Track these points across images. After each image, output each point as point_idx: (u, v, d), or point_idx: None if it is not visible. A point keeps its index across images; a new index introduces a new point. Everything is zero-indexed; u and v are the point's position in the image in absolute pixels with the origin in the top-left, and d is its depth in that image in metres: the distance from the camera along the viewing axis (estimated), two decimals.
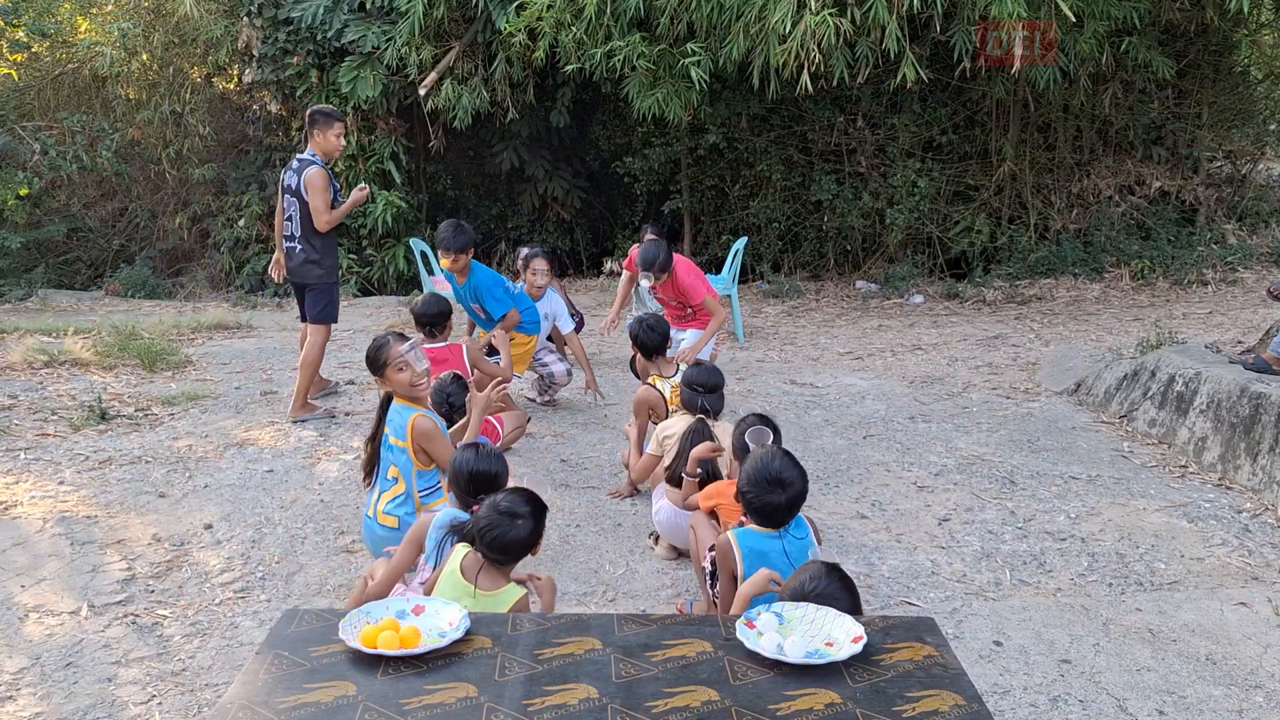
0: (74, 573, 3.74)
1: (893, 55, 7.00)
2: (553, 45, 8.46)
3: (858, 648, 1.97)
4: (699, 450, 3.66)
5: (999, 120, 10.37)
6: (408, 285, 10.45)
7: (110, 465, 4.82)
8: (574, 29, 8.15)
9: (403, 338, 3.56)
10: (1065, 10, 6.84)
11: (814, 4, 6.75)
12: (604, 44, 8.07)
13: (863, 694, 1.85)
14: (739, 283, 9.05)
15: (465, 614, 2.11)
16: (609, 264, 10.83)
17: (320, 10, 9.75)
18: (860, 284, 10.37)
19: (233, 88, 11.81)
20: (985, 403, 6.07)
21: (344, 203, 5.64)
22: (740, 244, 8.43)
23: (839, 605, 2.18)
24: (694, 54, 7.77)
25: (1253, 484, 4.52)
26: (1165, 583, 3.71)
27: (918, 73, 7.03)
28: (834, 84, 7.80)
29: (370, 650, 1.97)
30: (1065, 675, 3.10)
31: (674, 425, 3.93)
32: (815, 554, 2.85)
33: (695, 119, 10.30)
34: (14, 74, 11.68)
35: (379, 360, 3.50)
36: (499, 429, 4.78)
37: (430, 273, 8.32)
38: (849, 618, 2.10)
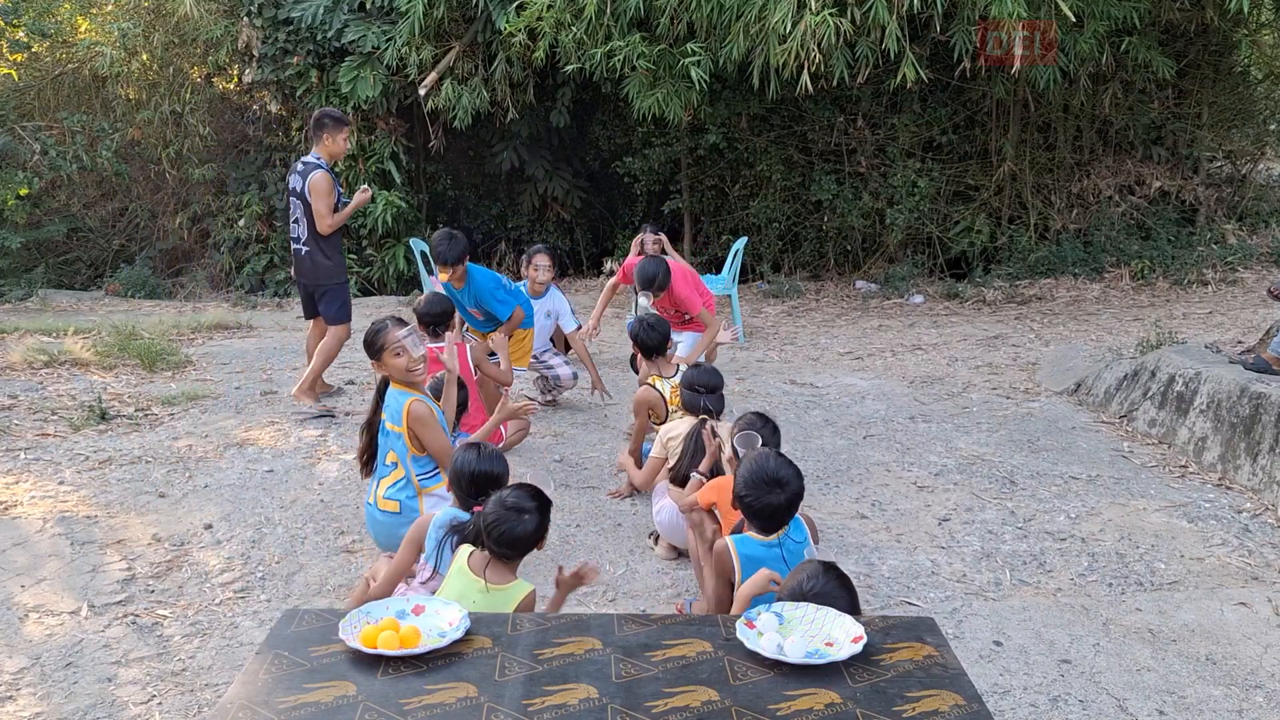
0: (74, 573, 3.74)
1: (893, 55, 7.00)
2: (553, 45, 8.46)
3: (858, 648, 1.97)
4: (709, 459, 3.66)
5: (999, 120, 10.37)
6: (408, 285, 10.45)
7: (110, 465, 4.82)
8: (574, 29, 8.15)
9: (401, 323, 3.56)
10: (1065, 10, 6.84)
11: (814, 4, 6.75)
12: (604, 44, 8.07)
13: (863, 694, 1.85)
14: (739, 283, 9.05)
15: (465, 614, 2.11)
16: (609, 264, 10.83)
17: (320, 10, 9.75)
18: (860, 284, 10.37)
19: (233, 88, 11.81)
20: (985, 403, 6.07)
21: (348, 205, 5.69)
22: (740, 244, 8.44)
23: (837, 604, 2.18)
24: (694, 54, 7.77)
25: (1253, 484, 4.52)
26: (1165, 583, 3.71)
27: (918, 73, 7.03)
28: (834, 84, 7.80)
29: (370, 650, 1.97)
30: (1065, 675, 3.10)
31: (678, 427, 3.93)
32: (812, 554, 2.85)
33: (695, 119, 10.30)
34: (14, 74, 11.68)
35: (376, 344, 3.51)
36: (502, 430, 4.78)
37: (430, 272, 8.32)
38: (849, 618, 2.10)
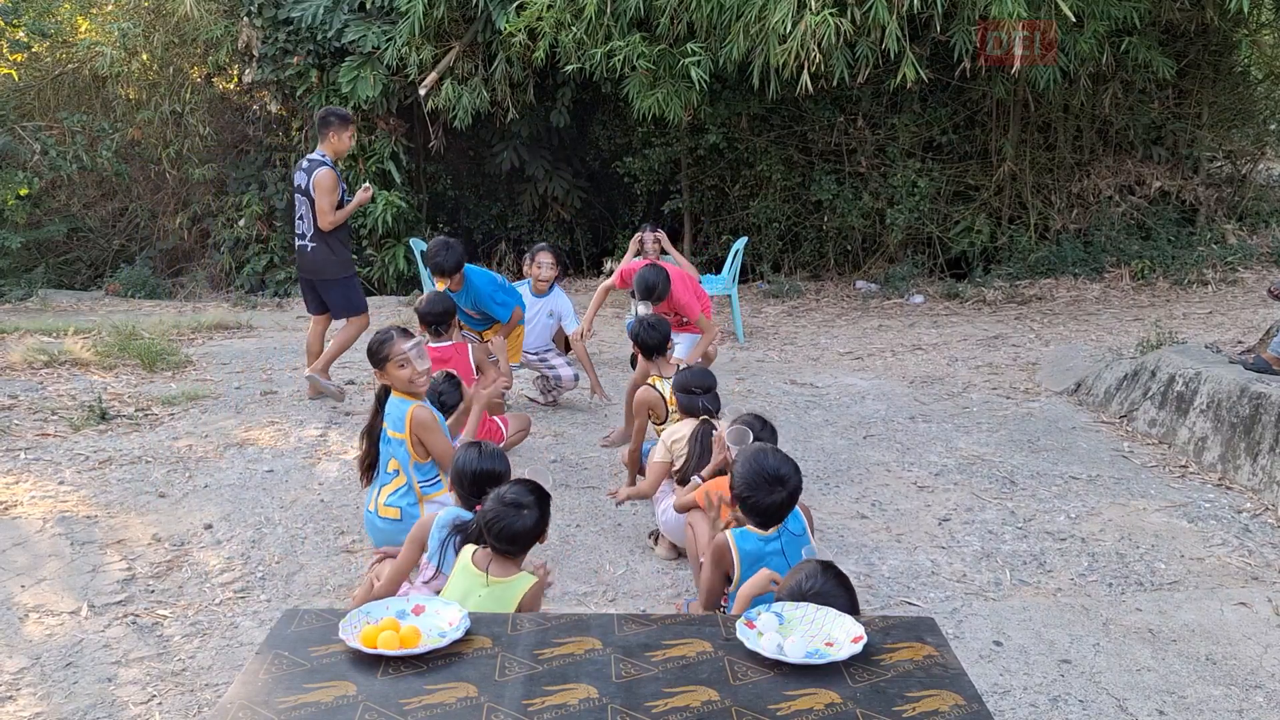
0: (74, 573, 3.74)
1: (893, 55, 7.00)
2: (553, 45, 8.45)
3: (858, 648, 1.97)
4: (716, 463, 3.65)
5: (999, 120, 10.37)
6: (408, 285, 10.45)
7: (110, 465, 4.82)
8: (574, 29, 8.15)
9: (406, 334, 3.56)
10: (1065, 10, 6.84)
11: (814, 4, 6.75)
12: (604, 44, 8.07)
13: (863, 694, 1.85)
14: (739, 283, 9.05)
15: (465, 614, 2.11)
16: (609, 264, 10.82)
17: (320, 10, 9.75)
18: (860, 284, 10.37)
19: (233, 88, 11.81)
20: (985, 403, 6.07)
21: (350, 202, 5.78)
22: (740, 244, 8.44)
23: (836, 603, 2.18)
24: (694, 54, 7.77)
25: (1253, 484, 4.52)
26: (1165, 583, 3.71)
27: (918, 73, 7.03)
28: (834, 84, 7.80)
29: (370, 650, 1.97)
30: (1065, 675, 3.10)
31: (680, 430, 3.92)
32: (810, 552, 2.85)
33: (695, 119, 10.30)
34: (14, 74, 11.68)
35: (381, 354, 3.50)
36: (503, 430, 4.78)
37: None
38: (849, 618, 2.10)
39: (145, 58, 11.55)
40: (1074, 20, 7.19)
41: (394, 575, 3.03)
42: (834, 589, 2.28)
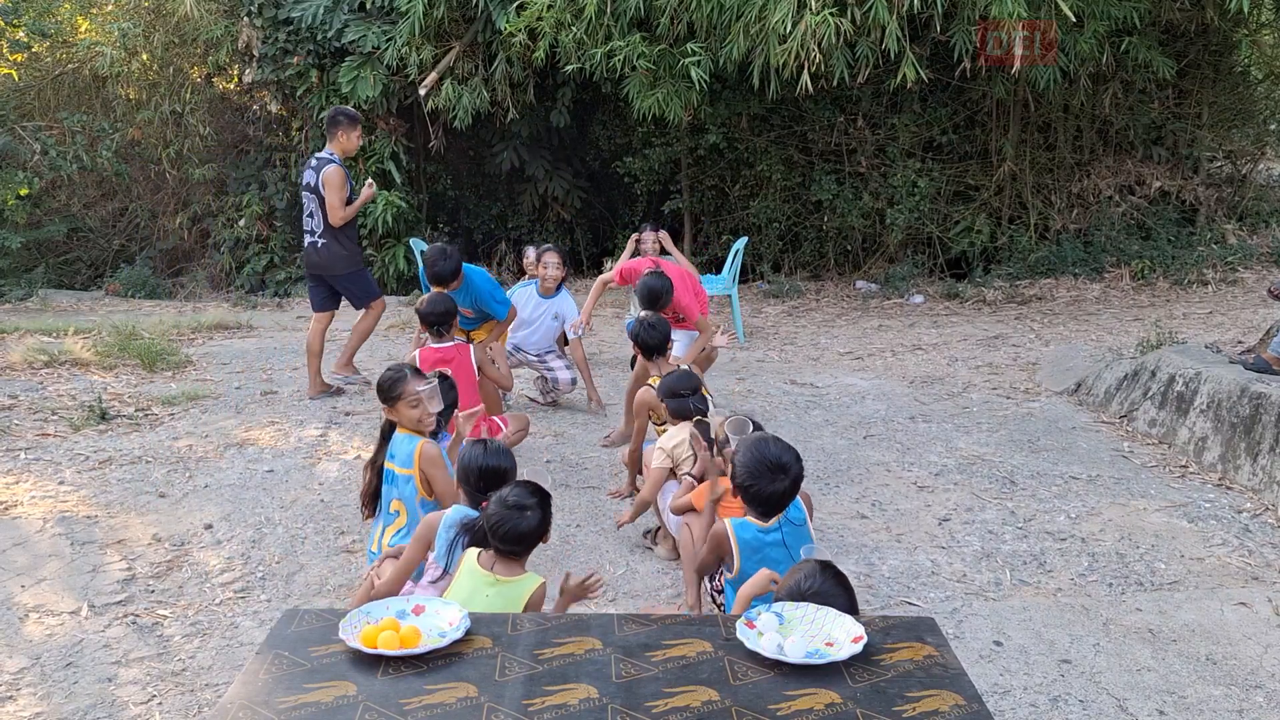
0: (74, 573, 3.74)
1: (893, 55, 7.00)
2: (553, 45, 8.46)
3: (858, 648, 1.97)
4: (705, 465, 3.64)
5: (999, 120, 10.37)
6: (408, 285, 10.45)
7: (110, 465, 4.82)
8: (574, 29, 8.15)
9: (419, 374, 3.49)
10: (1065, 10, 6.84)
11: (814, 4, 6.75)
12: (604, 44, 8.07)
13: (863, 694, 1.85)
14: (739, 283, 9.05)
15: (465, 614, 2.11)
16: (609, 264, 10.81)
17: (320, 10, 9.75)
18: (860, 284, 10.37)
19: (233, 88, 11.81)
20: (985, 403, 6.07)
21: (357, 199, 5.98)
22: (740, 244, 8.43)
23: (835, 603, 2.18)
24: (694, 54, 7.77)
25: (1253, 484, 4.52)
26: (1165, 583, 3.71)
27: (918, 73, 7.03)
28: (834, 84, 7.80)
29: (370, 650, 1.97)
30: (1065, 675, 3.10)
31: (677, 435, 3.91)
32: (810, 550, 2.85)
33: (695, 119, 10.29)
34: (14, 74, 11.69)
35: (394, 393, 3.43)
36: (503, 429, 4.79)
37: None
38: (849, 618, 2.10)
39: (145, 58, 11.56)
40: (1074, 20, 7.19)
41: (398, 574, 3.02)
42: (833, 589, 2.28)
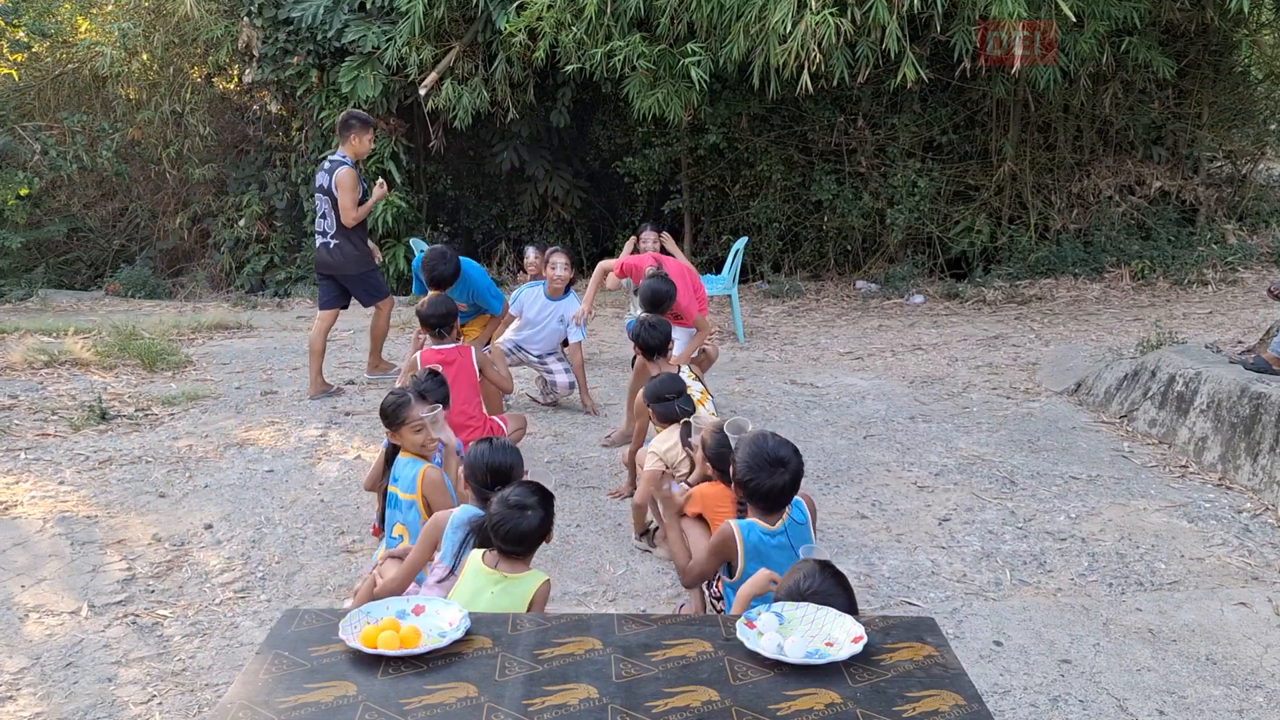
0: (74, 573, 3.74)
1: (893, 55, 7.00)
2: (553, 45, 8.46)
3: (858, 648, 1.97)
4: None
5: (999, 120, 10.37)
6: (408, 285, 10.44)
7: (110, 465, 4.82)
8: (574, 29, 8.15)
9: (422, 399, 3.48)
10: (1065, 10, 6.84)
11: (814, 4, 6.75)
12: (604, 44, 8.07)
13: (863, 694, 1.85)
14: (739, 283, 9.05)
15: (465, 614, 2.11)
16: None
17: (320, 10, 9.75)
18: (860, 284, 10.37)
19: (233, 88, 11.81)
20: (985, 403, 6.07)
21: (368, 199, 6.07)
22: (740, 244, 8.43)
23: (834, 603, 2.18)
24: (694, 54, 7.77)
25: (1253, 484, 4.52)
26: (1165, 583, 3.71)
27: (918, 73, 7.03)
28: (834, 84, 7.80)
29: (370, 650, 1.97)
30: (1065, 675, 3.10)
31: (669, 438, 3.90)
32: (809, 550, 2.85)
33: (695, 119, 10.30)
34: (14, 74, 11.69)
35: (399, 418, 3.42)
36: (503, 428, 4.78)
37: None
38: (849, 618, 2.10)
39: (145, 58, 11.56)
40: (1074, 20, 7.19)
41: (404, 574, 3.01)
42: (832, 588, 2.28)
